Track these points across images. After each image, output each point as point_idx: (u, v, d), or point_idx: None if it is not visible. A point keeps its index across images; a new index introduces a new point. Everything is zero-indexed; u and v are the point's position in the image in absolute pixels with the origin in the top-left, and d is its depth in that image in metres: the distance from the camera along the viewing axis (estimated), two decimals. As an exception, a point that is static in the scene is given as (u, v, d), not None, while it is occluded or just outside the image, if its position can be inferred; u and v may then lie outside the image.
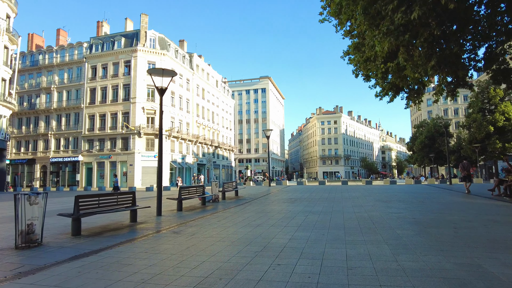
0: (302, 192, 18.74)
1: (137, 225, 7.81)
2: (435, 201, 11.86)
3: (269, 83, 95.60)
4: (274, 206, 11.11)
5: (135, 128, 43.94)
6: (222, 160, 66.94)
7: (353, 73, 15.60)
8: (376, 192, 16.93)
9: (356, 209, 9.61)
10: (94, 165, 45.81)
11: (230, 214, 9.41)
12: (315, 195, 16.01)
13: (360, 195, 15.07)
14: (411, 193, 16.07)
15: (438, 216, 7.94)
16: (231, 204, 12.21)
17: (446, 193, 15.70)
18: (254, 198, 14.68)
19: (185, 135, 50.24)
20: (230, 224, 7.41)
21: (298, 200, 13.33)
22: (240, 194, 17.44)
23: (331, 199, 13.18)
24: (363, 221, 7.31)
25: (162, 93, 10.29)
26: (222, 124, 67.93)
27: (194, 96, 55.61)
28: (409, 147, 68.82)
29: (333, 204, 11.19)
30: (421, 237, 5.40)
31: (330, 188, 21.90)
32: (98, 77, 46.81)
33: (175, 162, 47.64)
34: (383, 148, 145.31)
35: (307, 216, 8.43)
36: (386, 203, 11.35)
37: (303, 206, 10.98)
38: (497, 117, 34.84)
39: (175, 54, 50.78)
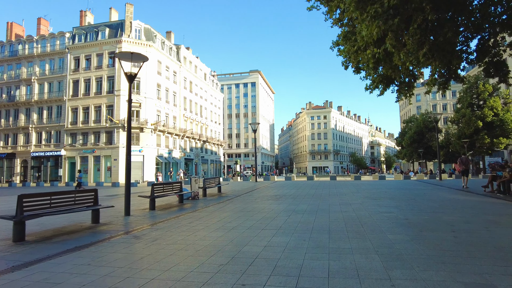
0: (289, 188, 17.99)
1: (98, 227, 6.91)
2: (427, 198, 11.20)
3: (259, 77, 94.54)
4: (256, 204, 10.30)
5: (120, 122, 42.63)
6: (211, 155, 65.92)
7: (342, 64, 14.94)
8: (365, 188, 16.28)
9: (343, 208, 8.87)
10: (77, 159, 44.38)
11: (207, 214, 8.56)
12: (302, 191, 15.27)
13: (348, 192, 14.38)
14: (401, 189, 15.46)
15: (433, 216, 7.23)
16: (211, 202, 11.36)
17: (437, 189, 15.13)
18: (237, 195, 13.86)
19: (171, 129, 49.05)
20: (201, 227, 6.56)
21: (283, 197, 12.55)
22: (223, 190, 16.60)
23: (318, 196, 12.44)
24: (351, 223, 6.54)
25: (131, 80, 9.33)
26: (210, 118, 66.79)
27: (181, 89, 54.33)
28: (398, 142, 68.83)
29: (319, 202, 10.44)
30: (417, 244, 4.64)
31: (318, 184, 21.22)
32: (81, 68, 45.19)
33: (161, 157, 46.49)
34: (372, 144, 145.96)
35: (290, 216, 7.64)
36: (375, 200, 10.65)
37: (287, 204, 10.20)
38: (486, 112, 34.62)
39: (161, 45, 49.38)
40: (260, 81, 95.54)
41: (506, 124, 34.11)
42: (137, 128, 43.52)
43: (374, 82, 13.94)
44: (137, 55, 9.05)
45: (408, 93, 14.90)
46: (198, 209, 9.56)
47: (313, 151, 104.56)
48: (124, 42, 43.85)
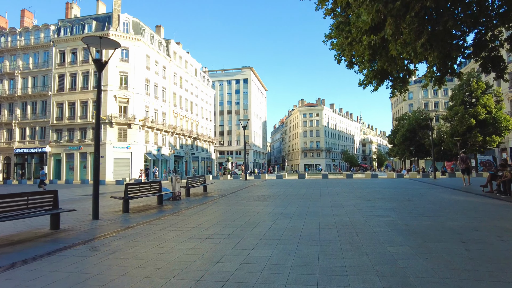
0: (279, 187, 17.19)
1: (55, 235, 5.99)
2: (424, 199, 10.48)
3: (251, 74, 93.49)
4: (240, 206, 9.45)
5: (107, 118, 41.35)
6: (202, 152, 64.83)
7: (335, 58, 14.24)
8: (357, 188, 15.56)
9: (335, 210, 8.06)
10: (63, 156, 43.00)
11: (184, 217, 7.68)
12: (292, 190, 14.47)
13: (340, 191, 13.62)
14: (396, 188, 14.76)
15: (435, 221, 6.46)
16: (193, 203, 10.48)
17: (433, 188, 14.46)
18: (223, 195, 13.00)
19: (160, 126, 47.87)
20: (173, 235, 5.69)
21: (272, 197, 11.73)
22: (209, 190, 15.72)
23: (309, 196, 11.65)
24: (344, 230, 5.73)
25: (100, 68, 8.37)
26: (201, 115, 65.66)
27: (171, 85, 53.12)
28: (390, 140, 68.54)
29: (310, 203, 9.64)
30: (424, 260, 3.84)
31: (309, 183, 20.45)
32: (67, 62, 43.71)
33: (149, 154, 45.33)
34: (364, 141, 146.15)
35: (276, 221, 6.81)
36: (369, 201, 9.88)
37: (275, 205, 9.37)
38: (479, 110, 34.20)
39: (150, 39, 48.08)
40: (252, 77, 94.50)
41: (499, 122, 33.73)
42: (125, 124, 42.32)
43: (367, 78, 13.28)
44: (107, 40, 8.09)
45: (402, 88, 14.47)
46: (177, 211, 8.68)
47: (305, 149, 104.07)
48: (112, 36, 42.44)
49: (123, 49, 43.53)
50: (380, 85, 14.21)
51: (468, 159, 17.43)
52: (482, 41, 12.21)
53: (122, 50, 43.51)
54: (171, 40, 54.87)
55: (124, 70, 43.30)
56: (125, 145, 42.48)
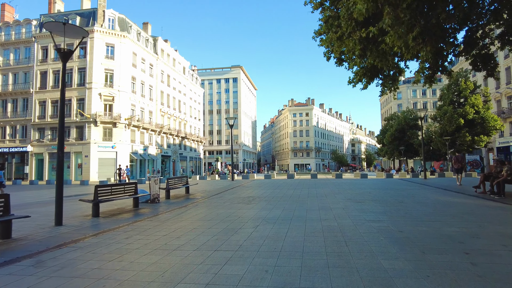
0: (266, 187, 16.55)
1: (4, 246, 5.21)
2: (416, 200, 9.95)
3: (241, 73, 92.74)
4: (222, 210, 8.76)
5: (91, 116, 40.18)
6: (190, 151, 63.83)
7: (324, 55, 13.87)
8: (347, 188, 15.01)
9: (323, 214, 7.45)
10: (45, 156, 41.63)
11: (157, 223, 6.96)
12: (279, 192, 13.84)
13: (329, 192, 13.04)
14: (386, 189, 14.26)
15: (431, 227, 5.87)
16: (171, 206, 9.74)
17: (424, 189, 13.99)
18: (206, 197, 12.29)
19: (147, 125, 46.81)
20: (138, 245, 4.97)
21: (257, 199, 11.07)
22: (193, 191, 14.97)
23: (296, 198, 11.03)
24: (332, 238, 5.09)
25: (65, 58, 7.52)
26: (189, 114, 64.64)
27: (158, 83, 52.05)
28: (379, 140, 68.66)
29: (296, 206, 9.00)
30: (426, 279, 3.22)
31: (297, 183, 19.85)
32: (50, 59, 42.33)
33: (136, 154, 44.25)
34: (353, 141, 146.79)
35: (258, 227, 6.14)
36: (359, 204, 9.30)
37: (259, 209, 8.71)
38: (468, 110, 34.16)
39: (137, 36, 46.98)
40: (242, 76, 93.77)
41: (487, 122, 33.76)
42: (110, 123, 41.21)
43: (357, 75, 12.93)
44: (71, 27, 7.27)
45: (392, 86, 13.71)
46: (151, 216, 7.95)
47: (295, 148, 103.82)
48: (96, 32, 41.32)
49: (108, 46, 42.41)
50: (370, 83, 13.45)
51: (463, 158, 17.34)
52: (473, 38, 11.99)
53: (108, 47, 42.38)
54: (159, 37, 53.81)
55: (110, 67, 42.16)
56: (110, 145, 41.40)
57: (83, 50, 41.72)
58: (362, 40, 10.97)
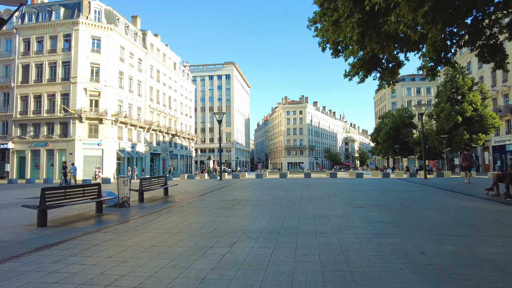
0: (255, 188, 15.17)
1: None
2: (425, 205, 8.64)
3: (234, 69, 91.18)
4: (198, 217, 7.34)
5: (76, 112, 38.43)
6: (181, 149, 62.22)
7: (319, 45, 12.77)
8: (343, 189, 13.70)
9: (319, 225, 6.08)
10: (27, 153, 39.80)
11: (112, 237, 5.53)
12: (269, 193, 12.47)
13: (324, 195, 11.70)
14: (387, 190, 12.97)
15: (459, 245, 4.50)
16: (140, 212, 8.30)
17: (429, 191, 12.72)
18: (185, 200, 10.86)
19: (135, 121, 45.13)
20: (62, 276, 3.54)
21: (242, 203, 9.68)
22: (173, 192, 13.52)
23: (287, 202, 9.67)
24: (332, 266, 3.67)
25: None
26: (180, 111, 63.00)
27: (147, 78, 50.34)
28: (374, 138, 67.74)
29: (287, 213, 7.64)
30: None
31: (290, 183, 18.51)
32: (33, 52, 40.42)
33: (123, 151, 42.60)
34: (347, 140, 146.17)
35: (235, 245, 4.74)
36: (360, 209, 7.96)
37: (242, 216, 7.31)
38: (465, 107, 33.15)
39: (125, 30, 45.21)
40: (235, 73, 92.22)
41: (485, 120, 32.79)
42: (96, 119, 39.53)
43: (354, 68, 11.97)
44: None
45: (391, 80, 12.59)
46: (110, 225, 6.52)
47: (289, 147, 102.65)
48: (82, 24, 39.54)
49: (94, 39, 40.64)
50: (368, 76, 12.53)
51: (472, 157, 16.49)
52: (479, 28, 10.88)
53: (94, 40, 40.61)
54: (148, 31, 52.03)
55: (96, 61, 40.43)
56: (96, 142, 39.73)
57: (68, 42, 39.94)
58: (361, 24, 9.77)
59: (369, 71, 13.35)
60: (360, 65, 12.86)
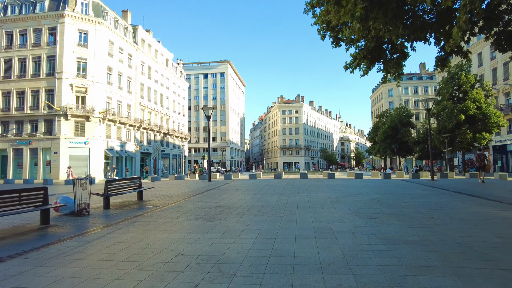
0: (246, 191, 13.48)
1: None
2: (450, 214, 6.98)
3: (229, 67, 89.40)
4: (163, 234, 5.56)
5: (61, 109, 36.51)
6: (173, 149, 60.38)
7: (318, 33, 11.23)
8: (345, 193, 12.06)
9: (323, 249, 4.36)
10: (9, 152, 37.84)
11: (27, 268, 3.84)
12: (260, 198, 10.79)
13: (325, 200, 10.04)
14: (396, 194, 11.33)
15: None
16: (97, 223, 6.57)
17: (444, 195, 11.09)
18: (160, 207, 9.12)
19: (124, 119, 43.25)
20: None
21: (227, 211, 7.98)
22: (151, 196, 11.77)
23: (280, 210, 7.98)
24: None
25: None
26: (173, 109, 61.14)
27: (138, 75, 48.44)
28: (371, 138, 66.32)
29: (280, 227, 5.93)
30: None
31: (285, 185, 16.85)
32: (15, 45, 38.47)
33: (111, 150, 40.73)
34: (343, 140, 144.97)
35: (198, 287, 3.10)
36: (375, 222, 6.28)
37: (221, 233, 5.56)
38: (468, 105, 31.66)
39: (114, 24, 43.33)
40: (230, 71, 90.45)
41: (489, 118, 31.33)
42: (82, 116, 37.65)
43: (356, 59, 11.02)
44: None
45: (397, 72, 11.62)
46: (40, 247, 4.80)
47: (284, 146, 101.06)
48: (67, 17, 37.65)
49: (81, 33, 38.76)
50: (371, 67, 11.48)
51: (485, 156, 16.03)
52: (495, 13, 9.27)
53: (80, 33, 38.72)
54: (139, 26, 50.14)
55: (83, 56, 38.56)
56: (83, 140, 37.88)
57: (53, 36, 38.02)
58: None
59: (372, 62, 12.38)
60: (363, 55, 11.23)
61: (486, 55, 44.97)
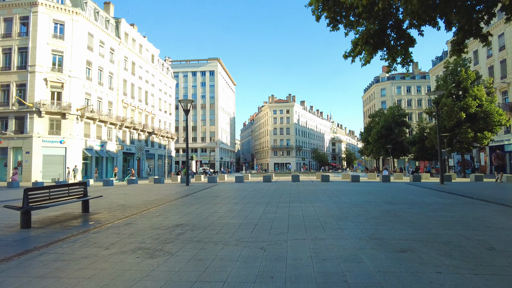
0: (225, 200, 11.15)
1: None
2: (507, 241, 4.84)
3: (218, 65, 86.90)
4: (77, 278, 3.35)
5: (34, 105, 33.67)
6: (159, 149, 57.68)
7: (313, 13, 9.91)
8: (349, 203, 9.81)
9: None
10: (-13, 152, 34.93)
11: None
12: (240, 210, 8.48)
13: (324, 214, 7.75)
14: (413, 205, 9.10)
15: None
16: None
17: (472, 204, 8.85)
18: (101, 224, 6.75)
19: (105, 117, 40.52)
20: None
21: (185, 234, 5.56)
22: (104, 205, 9.33)
23: (264, 234, 5.60)
24: None
25: None
26: (159, 107, 58.45)
27: (121, 70, 45.69)
28: (364, 138, 64.50)
29: (258, 273, 3.62)
30: None
31: (274, 190, 14.54)
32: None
33: (90, 150, 38.00)
34: (334, 140, 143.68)
35: None
36: (408, 259, 3.96)
37: (157, 285, 3.28)
38: (470, 103, 29.84)
39: (94, 15, 40.58)
40: (220, 69, 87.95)
41: (491, 116, 29.54)
42: (58, 113, 34.89)
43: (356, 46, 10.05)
44: None
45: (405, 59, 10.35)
46: None
47: (275, 147, 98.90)
48: (41, 6, 34.85)
49: (57, 23, 35.98)
50: (373, 55, 10.33)
51: (504, 156, 14.19)
52: None
53: (56, 24, 35.95)
54: (122, 19, 47.34)
55: (59, 48, 35.79)
56: (58, 139, 35.10)
57: (25, 26, 35.16)
58: None
59: (375, 49, 10.38)
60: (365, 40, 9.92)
61: (482, 52, 43.51)
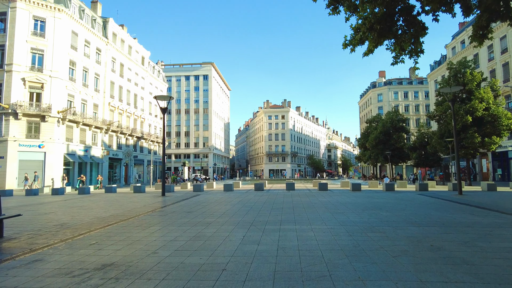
0: (197, 218, 8.90)
1: None
2: None
3: (212, 70, 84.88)
4: None
5: (10, 106, 31.16)
6: (148, 154, 55.15)
7: None
8: (360, 224, 7.64)
9: None
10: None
11: None
12: (210, 237, 6.27)
13: (330, 244, 5.56)
14: (446, 227, 6.97)
15: None
16: None
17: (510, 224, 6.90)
18: (2, 259, 4.60)
19: (89, 120, 38.08)
20: None
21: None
22: (35, 225, 7.07)
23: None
24: None
25: None
26: (149, 111, 56.07)
27: (108, 72, 43.37)
28: (361, 144, 62.55)
29: None
30: None
31: (264, 202, 12.34)
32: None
33: (73, 155, 35.49)
34: (329, 146, 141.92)
35: None
36: None
37: None
38: (476, 105, 28.03)
39: (79, 13, 38.35)
40: (214, 74, 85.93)
41: (499, 120, 27.71)
42: (37, 115, 32.41)
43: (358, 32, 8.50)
44: None
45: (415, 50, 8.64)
46: None
47: (270, 153, 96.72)
48: (20, 1, 32.52)
49: (37, 20, 33.66)
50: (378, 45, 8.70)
51: None
52: None
53: (36, 21, 33.63)
54: (110, 18, 45.11)
55: (39, 47, 33.45)
56: (37, 143, 32.60)
57: (2, 23, 32.80)
58: None
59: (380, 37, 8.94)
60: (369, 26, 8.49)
61: (483, 56, 41.98)
